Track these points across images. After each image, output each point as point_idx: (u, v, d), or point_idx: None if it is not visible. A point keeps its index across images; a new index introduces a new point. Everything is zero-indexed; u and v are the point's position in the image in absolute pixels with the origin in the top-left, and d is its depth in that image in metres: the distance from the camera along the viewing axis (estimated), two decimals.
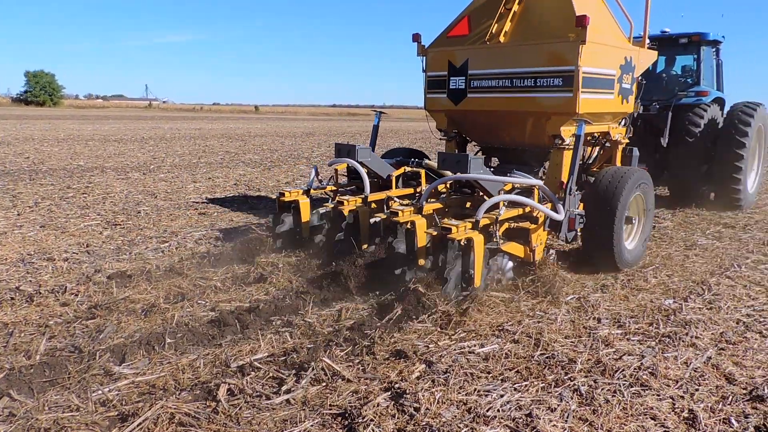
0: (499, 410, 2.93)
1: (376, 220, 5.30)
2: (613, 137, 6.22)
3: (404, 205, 5.15)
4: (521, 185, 5.17)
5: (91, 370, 3.28)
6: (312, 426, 2.80)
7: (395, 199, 5.61)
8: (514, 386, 3.18)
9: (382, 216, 5.26)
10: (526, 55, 5.47)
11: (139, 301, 4.38)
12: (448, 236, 4.25)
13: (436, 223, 4.61)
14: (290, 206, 5.68)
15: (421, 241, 4.65)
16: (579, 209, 5.15)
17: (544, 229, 4.94)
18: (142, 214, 7.71)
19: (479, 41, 5.83)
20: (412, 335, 3.82)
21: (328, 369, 3.30)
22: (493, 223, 4.60)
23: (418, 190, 6.02)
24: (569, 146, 5.43)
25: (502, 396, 3.06)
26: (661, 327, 4.07)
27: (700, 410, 2.98)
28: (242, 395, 3.05)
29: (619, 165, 6.29)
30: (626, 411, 2.97)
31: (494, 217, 4.60)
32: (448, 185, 5.69)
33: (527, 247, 4.82)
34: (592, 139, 6.33)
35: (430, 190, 5.13)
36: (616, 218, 5.07)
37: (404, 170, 6.19)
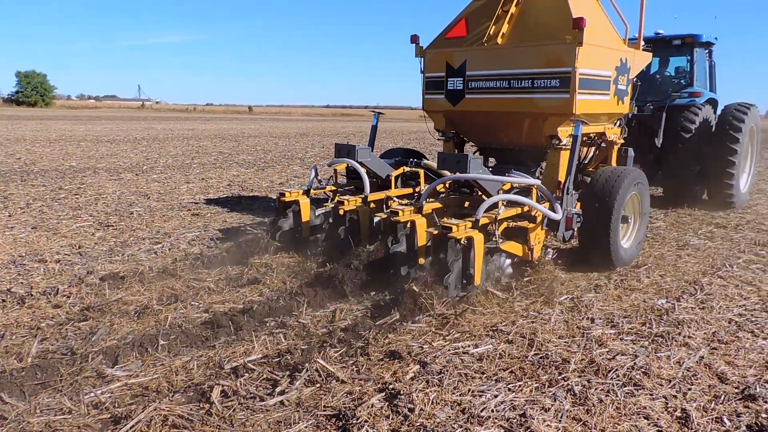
0: (493, 410, 2.93)
1: (378, 220, 5.31)
2: (608, 138, 6.26)
3: (404, 204, 5.17)
4: (520, 185, 5.21)
5: (83, 372, 3.25)
6: (306, 427, 2.79)
7: (395, 198, 5.62)
8: (508, 386, 3.18)
9: (383, 215, 5.28)
10: (523, 56, 5.50)
11: (132, 302, 4.35)
12: (449, 235, 4.27)
13: (435, 223, 4.62)
14: (290, 206, 5.68)
15: (421, 240, 4.67)
16: (576, 209, 5.19)
17: (542, 228, 4.98)
18: (135, 215, 7.67)
19: (477, 43, 5.86)
20: (407, 336, 3.82)
21: (322, 370, 3.29)
22: (492, 223, 4.63)
23: (417, 189, 6.04)
24: (566, 146, 5.47)
25: (496, 396, 3.07)
26: (654, 327, 4.09)
27: (693, 409, 3.00)
28: (236, 397, 3.03)
29: (614, 165, 6.33)
30: (619, 410, 2.98)
31: (493, 217, 4.63)
32: (447, 185, 5.71)
33: (525, 246, 4.86)
34: (588, 139, 6.37)
35: (430, 190, 5.14)
36: (613, 216, 5.11)
37: (403, 170, 6.21)
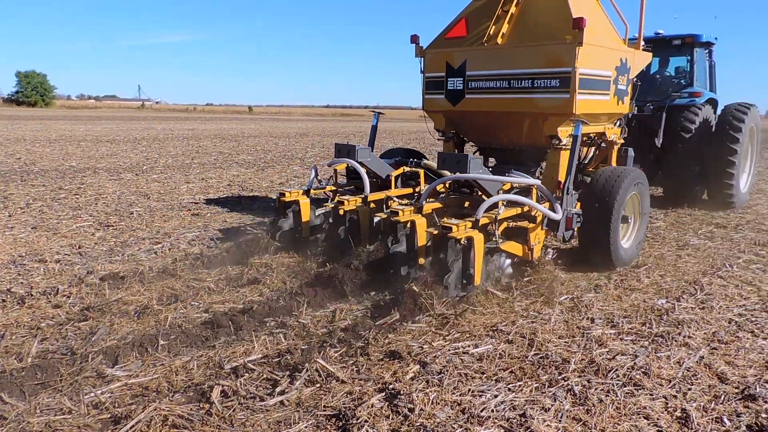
0: (493, 410, 2.93)
1: (378, 220, 5.31)
2: (608, 138, 6.26)
3: (404, 204, 5.17)
4: (520, 185, 5.21)
5: (83, 372, 3.25)
6: (306, 427, 2.79)
7: (395, 198, 5.62)
8: (508, 386, 3.18)
9: (383, 215, 5.28)
10: (523, 56, 5.50)
11: (132, 302, 4.35)
12: (449, 235, 4.26)
13: (435, 223, 4.62)
14: (290, 206, 5.68)
15: (421, 240, 4.67)
16: (576, 209, 5.18)
17: (542, 228, 4.98)
18: (135, 215, 7.67)
19: (477, 43, 5.86)
20: (407, 336, 3.82)
21: (322, 370, 3.29)
22: (492, 223, 4.63)
23: (417, 189, 6.04)
24: (566, 146, 5.47)
25: (496, 396, 3.07)
26: (654, 327, 4.09)
27: (693, 409, 3.00)
28: (236, 397, 3.03)
29: (614, 165, 6.33)
30: (619, 410, 2.98)
31: (493, 217, 4.63)
32: (446, 185, 5.71)
33: (525, 246, 4.86)
34: (588, 139, 6.37)
35: (430, 190, 5.14)
36: (613, 216, 5.11)
37: (403, 170, 6.21)
